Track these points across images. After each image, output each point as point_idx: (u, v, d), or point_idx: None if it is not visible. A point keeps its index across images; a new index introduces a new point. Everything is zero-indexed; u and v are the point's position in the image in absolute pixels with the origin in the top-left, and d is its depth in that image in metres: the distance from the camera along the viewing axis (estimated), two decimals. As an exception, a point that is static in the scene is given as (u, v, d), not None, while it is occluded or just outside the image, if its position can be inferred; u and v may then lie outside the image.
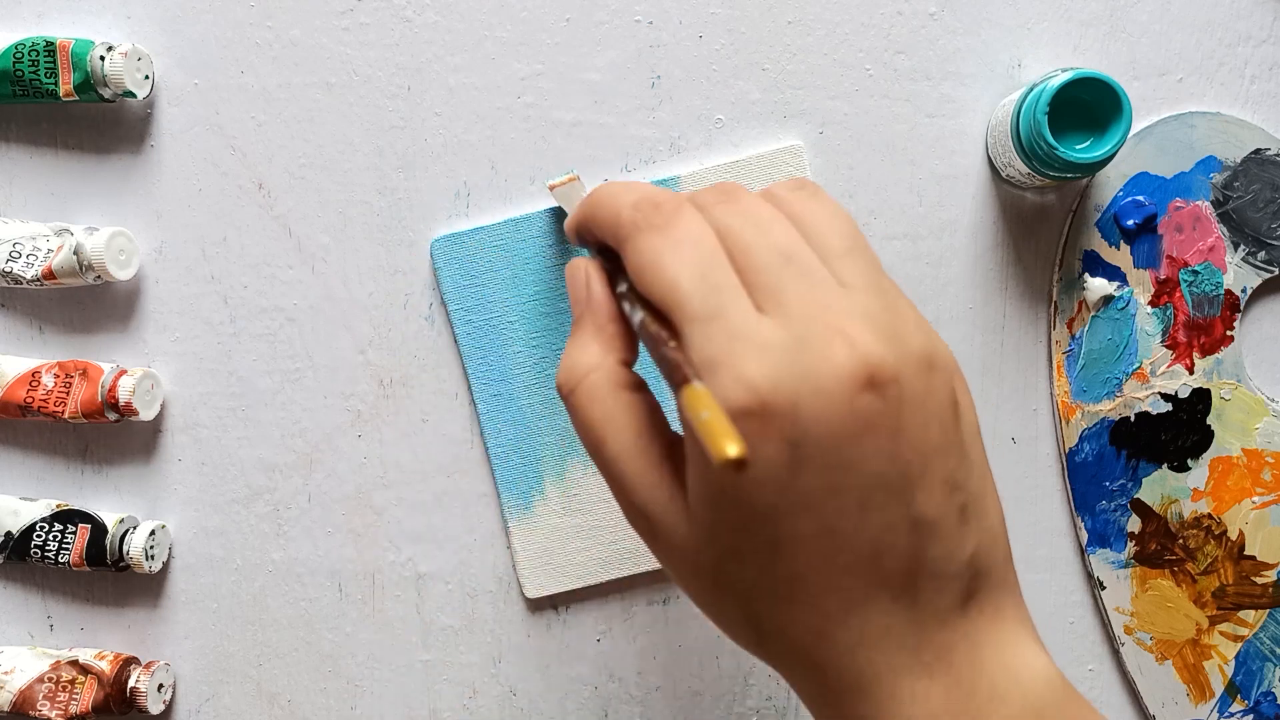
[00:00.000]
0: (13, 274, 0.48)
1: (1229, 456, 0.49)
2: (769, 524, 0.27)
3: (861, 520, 0.27)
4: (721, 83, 0.49)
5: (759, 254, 0.28)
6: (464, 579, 0.51)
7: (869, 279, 0.28)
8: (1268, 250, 0.49)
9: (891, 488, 0.27)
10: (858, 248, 0.29)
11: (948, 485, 0.28)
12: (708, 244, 0.29)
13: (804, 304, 0.27)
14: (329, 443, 0.51)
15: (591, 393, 0.31)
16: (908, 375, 0.27)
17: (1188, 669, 0.50)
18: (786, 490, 0.26)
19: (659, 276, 0.29)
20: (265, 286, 0.50)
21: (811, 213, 0.30)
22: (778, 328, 0.27)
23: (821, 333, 0.26)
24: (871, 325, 0.27)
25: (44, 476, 0.52)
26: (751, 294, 0.28)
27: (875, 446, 0.26)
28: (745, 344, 0.26)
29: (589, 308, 0.32)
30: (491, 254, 0.49)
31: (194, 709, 0.52)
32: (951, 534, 0.28)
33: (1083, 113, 0.44)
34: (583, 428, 0.31)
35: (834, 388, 0.26)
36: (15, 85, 0.47)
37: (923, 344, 0.28)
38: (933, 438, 0.27)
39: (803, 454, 0.26)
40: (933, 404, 0.27)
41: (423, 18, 0.49)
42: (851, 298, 0.27)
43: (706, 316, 0.27)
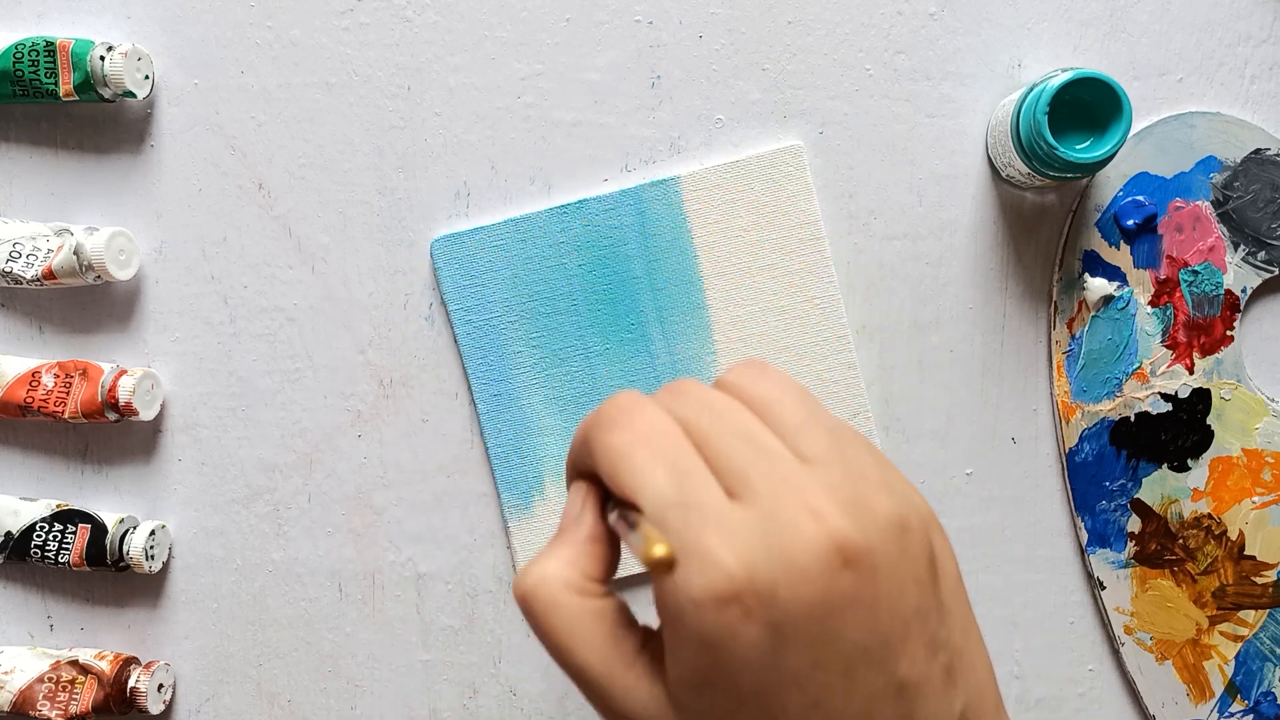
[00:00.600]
0: (13, 274, 0.48)
1: (1229, 456, 0.49)
2: (757, 705, 0.27)
3: (848, 692, 0.27)
4: (721, 83, 0.49)
5: (720, 441, 0.29)
6: (464, 579, 0.51)
7: (828, 449, 0.29)
8: (1268, 250, 0.49)
9: (874, 658, 0.27)
10: (814, 417, 0.30)
11: (930, 647, 0.28)
12: (672, 434, 0.29)
13: (769, 484, 0.27)
14: (329, 443, 0.51)
15: (549, 600, 0.30)
16: (879, 544, 0.27)
17: (1188, 669, 0.50)
18: (772, 669, 0.27)
19: (629, 469, 0.29)
20: (265, 286, 0.50)
21: (763, 394, 0.30)
22: (747, 511, 0.27)
23: (790, 512, 0.27)
24: (836, 498, 0.27)
25: (44, 476, 0.52)
26: (721, 480, 0.28)
27: (854, 619, 0.27)
28: (717, 530, 0.27)
29: (571, 524, 0.32)
30: (491, 254, 0.49)
31: (194, 709, 0.52)
32: (938, 695, 0.28)
33: (1083, 113, 0.44)
34: (545, 637, 0.31)
35: (808, 566, 0.26)
36: (15, 85, 0.47)
37: (891, 508, 0.28)
38: (911, 601, 0.28)
39: (785, 634, 0.26)
40: (908, 567, 0.28)
41: (423, 18, 0.49)
42: (813, 473, 0.28)
43: (679, 505, 0.28)
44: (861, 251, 0.50)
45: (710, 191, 0.49)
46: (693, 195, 0.49)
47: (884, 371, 0.50)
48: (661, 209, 0.49)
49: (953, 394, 0.50)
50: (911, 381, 0.50)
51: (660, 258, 0.49)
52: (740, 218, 0.49)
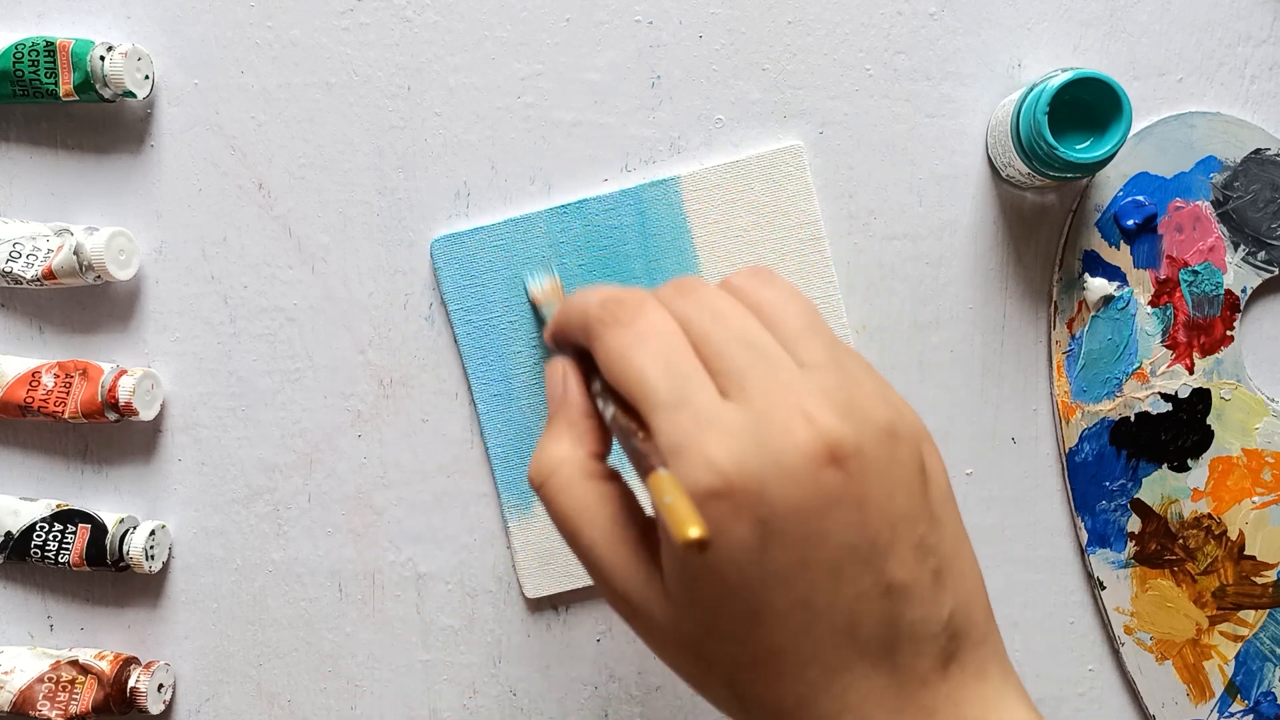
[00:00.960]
0: (13, 274, 0.48)
1: (1229, 456, 0.49)
2: (744, 600, 0.28)
3: (835, 591, 0.27)
4: (721, 83, 0.49)
5: (719, 342, 0.29)
6: (464, 579, 0.51)
7: (826, 357, 0.29)
8: (1268, 250, 0.49)
9: (861, 557, 0.28)
10: (813, 327, 0.30)
11: (919, 550, 0.28)
12: (671, 335, 0.30)
13: (765, 387, 0.28)
14: (329, 443, 0.51)
15: (563, 484, 0.32)
16: (869, 447, 0.28)
17: (1188, 669, 0.50)
18: (759, 566, 0.27)
19: (626, 368, 0.30)
20: (265, 286, 0.50)
21: (767, 299, 0.31)
22: (741, 411, 0.28)
23: (782, 413, 0.27)
24: (830, 402, 0.28)
25: (44, 476, 0.52)
26: (715, 379, 0.29)
27: (842, 519, 0.27)
28: (710, 429, 0.27)
29: (563, 404, 0.34)
30: (491, 254, 0.49)
31: (194, 709, 0.52)
32: (926, 598, 0.28)
33: (1083, 113, 0.44)
34: (557, 518, 0.32)
35: (797, 465, 0.27)
36: (15, 85, 0.47)
37: (883, 415, 0.29)
38: (899, 505, 0.28)
39: (772, 531, 0.27)
40: (897, 473, 0.28)
41: (423, 18, 0.49)
42: (810, 377, 0.29)
43: (673, 404, 0.28)
44: (861, 251, 0.50)
45: (710, 191, 0.49)
46: (693, 195, 0.49)
47: (884, 371, 0.50)
48: (661, 209, 0.49)
49: (953, 394, 0.50)
50: (911, 381, 0.50)
51: (660, 258, 0.49)
52: (740, 218, 0.49)
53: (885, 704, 0.28)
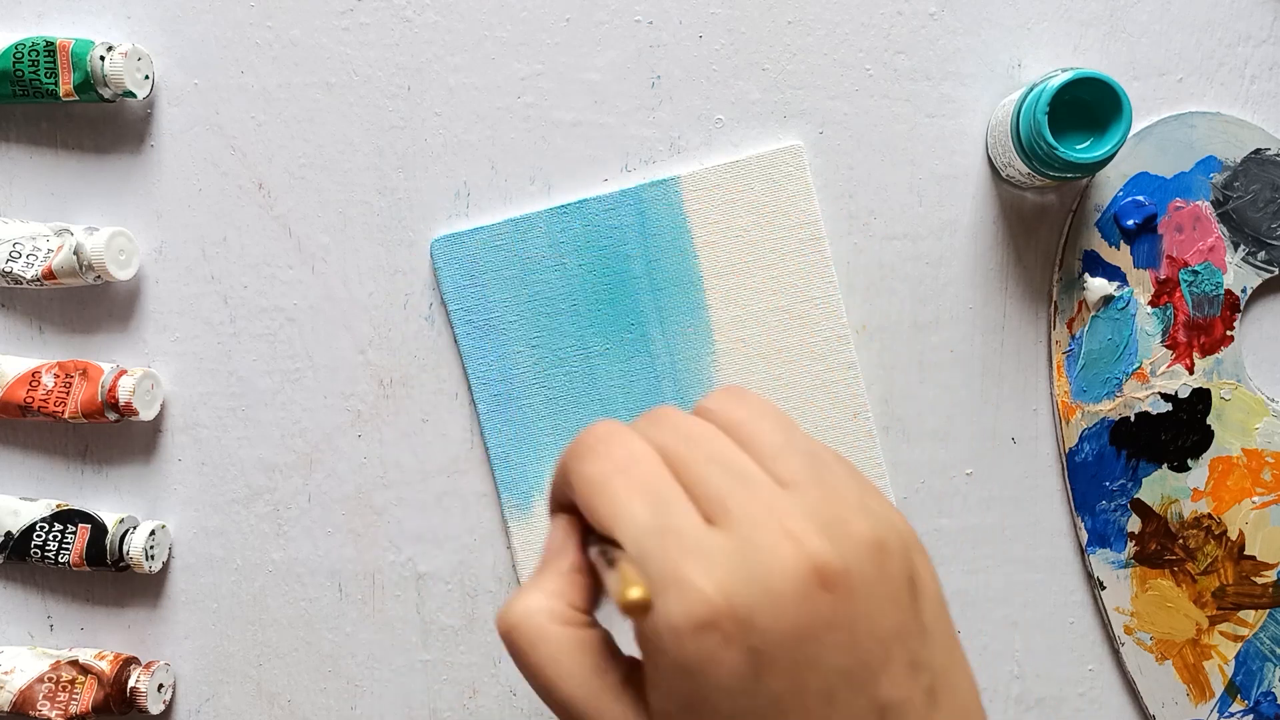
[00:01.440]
0: (13, 274, 0.48)
1: (1229, 456, 0.49)
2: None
3: (829, 715, 0.27)
4: (721, 83, 0.49)
5: (696, 467, 0.29)
6: (464, 579, 0.51)
7: (807, 473, 0.29)
8: (1268, 250, 0.49)
9: (855, 680, 0.27)
10: (791, 443, 0.30)
11: (912, 667, 0.28)
12: (650, 461, 0.29)
13: (746, 510, 0.27)
14: (329, 443, 0.51)
15: (534, 634, 0.30)
16: (856, 565, 0.27)
17: (1188, 669, 0.50)
18: (752, 696, 0.27)
19: (605, 498, 0.29)
20: (265, 286, 0.50)
21: (740, 420, 0.30)
22: (725, 537, 0.27)
23: (767, 537, 0.27)
24: (814, 521, 0.27)
25: (44, 476, 0.52)
26: (699, 506, 0.28)
27: (833, 642, 0.27)
28: (695, 557, 0.27)
29: (553, 556, 0.32)
30: (491, 254, 0.49)
31: (194, 709, 0.52)
32: (920, 715, 0.28)
33: (1083, 113, 0.44)
34: (528, 671, 0.30)
35: (786, 589, 0.26)
36: (15, 85, 0.47)
37: (868, 530, 0.28)
38: (890, 623, 0.28)
39: (765, 659, 0.26)
40: (887, 589, 0.28)
41: (423, 18, 0.49)
42: (791, 496, 0.28)
43: (656, 533, 0.28)
44: (861, 251, 0.50)
45: (710, 191, 0.49)
46: (693, 195, 0.49)
47: (884, 371, 0.50)
48: (661, 209, 0.49)
49: (953, 394, 0.50)
50: (911, 381, 0.50)
51: (660, 258, 0.49)
52: (740, 218, 0.49)
53: None
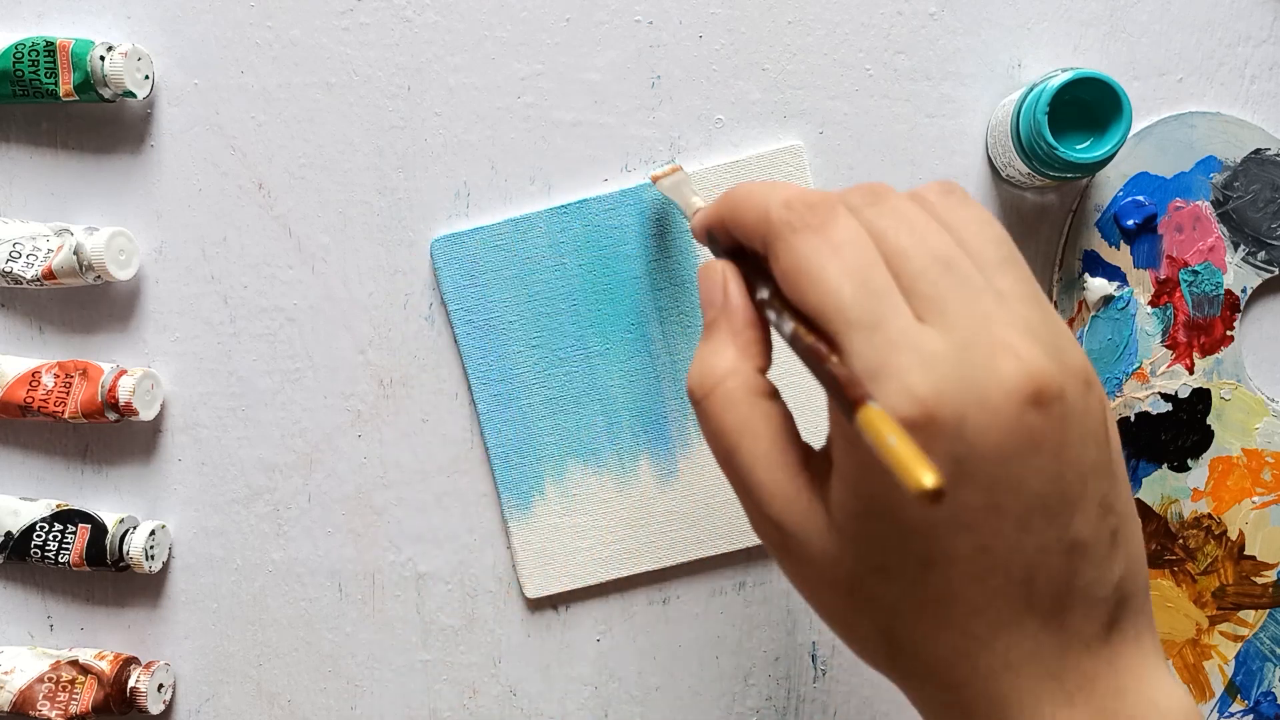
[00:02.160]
0: (13, 274, 0.48)
1: (1229, 456, 0.49)
2: (922, 541, 0.26)
3: (1019, 541, 0.26)
4: (721, 83, 0.49)
5: (917, 260, 0.27)
6: (464, 579, 0.51)
7: (1026, 290, 0.28)
8: (1268, 250, 0.49)
9: (1050, 509, 0.26)
10: (1013, 258, 0.28)
11: (1102, 508, 0.27)
12: (866, 248, 0.28)
13: (966, 314, 0.26)
14: (329, 443, 0.51)
15: (726, 399, 0.29)
16: (1071, 392, 0.26)
17: (1188, 669, 0.50)
18: (945, 507, 0.25)
19: (817, 281, 0.27)
20: (265, 286, 0.50)
21: (964, 220, 0.29)
22: (941, 338, 0.26)
23: (986, 344, 0.25)
24: (1035, 338, 0.26)
25: (44, 476, 0.52)
26: (910, 301, 0.27)
27: (1039, 465, 0.25)
28: (909, 354, 0.25)
29: (725, 311, 0.31)
30: (491, 254, 0.49)
31: (194, 709, 0.52)
32: (1103, 558, 0.27)
33: (1083, 113, 0.44)
34: (715, 435, 0.30)
35: (1001, 402, 0.25)
36: (15, 85, 0.47)
37: (1082, 361, 0.27)
38: (1090, 458, 0.26)
39: (966, 470, 0.25)
40: (1091, 423, 0.27)
41: (423, 18, 0.49)
42: (1012, 309, 0.27)
43: (869, 325, 0.26)
44: (861, 251, 0.50)
45: (711, 191, 0.49)
46: (693, 195, 0.49)
47: (884, 371, 0.50)
48: (662, 209, 0.49)
49: (953, 394, 0.50)
50: (911, 381, 0.50)
51: (660, 258, 0.49)
52: (740, 218, 0.49)
53: (1047, 665, 0.27)
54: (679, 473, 0.50)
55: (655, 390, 0.50)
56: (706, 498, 0.50)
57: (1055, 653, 0.27)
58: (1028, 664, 0.27)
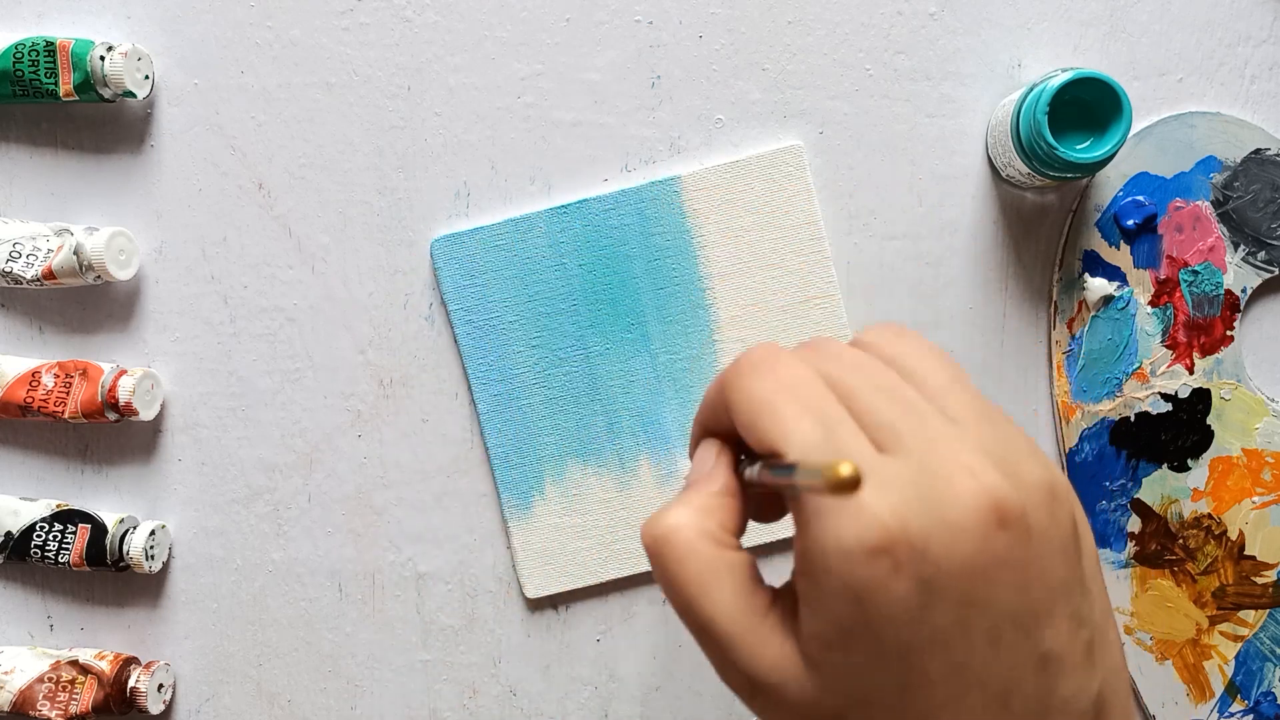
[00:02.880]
0: (13, 274, 0.48)
1: (1229, 456, 0.49)
2: (898, 665, 0.26)
3: (992, 658, 0.26)
4: (721, 83, 0.49)
5: (865, 395, 0.28)
6: (464, 579, 0.51)
7: (977, 411, 0.28)
8: (1268, 250, 0.49)
9: (1021, 625, 0.26)
10: (959, 381, 0.29)
11: (1074, 620, 0.27)
12: (816, 383, 0.28)
13: (919, 439, 0.27)
14: (329, 443, 0.51)
15: (684, 548, 0.29)
16: (1033, 508, 0.26)
17: (1188, 669, 0.50)
18: (918, 628, 0.26)
19: (774, 417, 0.28)
20: (265, 286, 0.50)
21: (905, 354, 0.30)
22: (899, 464, 0.26)
23: (944, 467, 0.26)
24: (991, 459, 0.26)
25: (44, 476, 0.52)
26: (865, 433, 0.27)
27: (1006, 582, 0.26)
28: (869, 480, 0.26)
29: (703, 478, 0.31)
30: (491, 254, 0.49)
31: (194, 709, 0.52)
32: (1078, 670, 0.27)
33: (1083, 113, 0.44)
34: (672, 586, 0.29)
35: (964, 521, 0.25)
36: (15, 85, 0.47)
37: (1043, 474, 0.27)
38: (1059, 571, 0.27)
39: (934, 591, 0.25)
40: (1057, 536, 0.27)
41: (423, 18, 0.49)
42: (965, 432, 0.27)
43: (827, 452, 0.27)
44: (861, 251, 0.50)
45: (710, 191, 0.49)
46: (693, 195, 0.49)
47: (884, 371, 0.50)
48: (662, 209, 0.49)
49: (953, 394, 0.50)
50: (911, 381, 0.50)
51: (660, 258, 0.49)
52: (741, 218, 0.49)
53: None
54: (679, 473, 0.50)
55: (655, 390, 0.50)
56: (706, 498, 0.50)
57: None
58: None
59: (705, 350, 0.50)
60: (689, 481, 0.32)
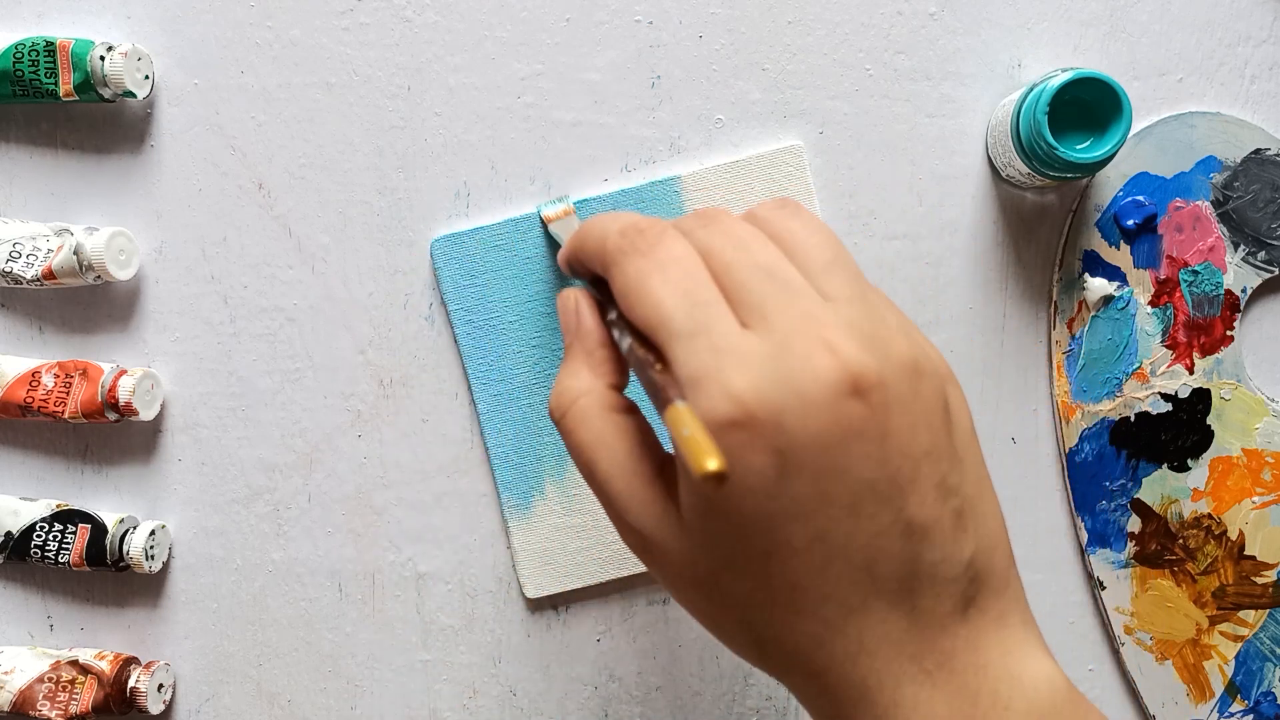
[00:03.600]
0: (13, 274, 0.48)
1: (1229, 456, 0.49)
2: (761, 533, 0.27)
3: (853, 527, 0.27)
4: (721, 83, 0.49)
5: (741, 271, 0.29)
6: (464, 579, 0.51)
7: (852, 290, 0.29)
8: (1268, 250, 0.49)
9: (881, 494, 0.27)
10: (839, 261, 0.30)
11: (940, 489, 0.28)
12: (690, 264, 0.29)
13: (786, 316, 0.27)
14: (329, 443, 0.51)
15: (581, 416, 0.32)
16: (892, 381, 0.27)
17: (1188, 669, 0.50)
18: (776, 499, 0.27)
19: (644, 297, 0.29)
20: (265, 286, 0.50)
21: (792, 231, 0.30)
22: (761, 340, 0.27)
23: (804, 343, 0.27)
24: (854, 334, 0.27)
25: (44, 476, 0.52)
26: (735, 310, 0.28)
27: (862, 452, 0.27)
28: (729, 357, 0.27)
29: (578, 335, 0.33)
30: (491, 254, 0.49)
31: (194, 709, 0.52)
32: (947, 538, 0.28)
33: (1083, 113, 0.44)
34: (575, 450, 0.32)
35: (818, 395, 0.26)
36: (15, 85, 0.47)
37: (907, 350, 0.28)
38: (921, 442, 0.27)
39: (790, 462, 0.26)
40: (920, 408, 0.28)
41: (423, 18, 0.49)
42: (834, 309, 0.28)
43: (690, 333, 0.28)
44: (861, 251, 0.50)
45: (711, 191, 0.49)
46: (693, 195, 0.49)
47: (884, 371, 0.50)
48: (662, 209, 0.49)
49: (953, 394, 0.50)
50: (911, 381, 0.50)
51: (660, 258, 0.49)
52: (740, 218, 0.49)
53: (902, 646, 0.28)
54: (679, 473, 0.50)
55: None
56: (706, 498, 0.50)
57: (909, 634, 0.28)
58: (882, 646, 0.28)
59: (705, 350, 0.49)
60: (566, 338, 0.34)
